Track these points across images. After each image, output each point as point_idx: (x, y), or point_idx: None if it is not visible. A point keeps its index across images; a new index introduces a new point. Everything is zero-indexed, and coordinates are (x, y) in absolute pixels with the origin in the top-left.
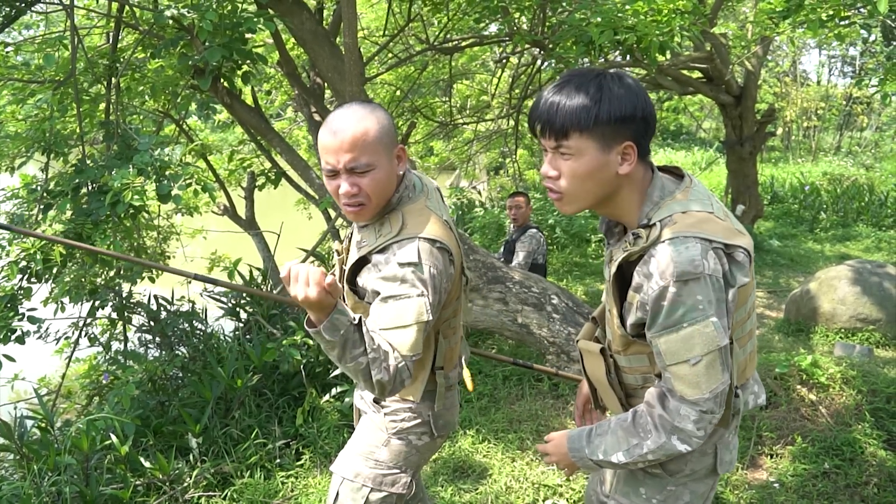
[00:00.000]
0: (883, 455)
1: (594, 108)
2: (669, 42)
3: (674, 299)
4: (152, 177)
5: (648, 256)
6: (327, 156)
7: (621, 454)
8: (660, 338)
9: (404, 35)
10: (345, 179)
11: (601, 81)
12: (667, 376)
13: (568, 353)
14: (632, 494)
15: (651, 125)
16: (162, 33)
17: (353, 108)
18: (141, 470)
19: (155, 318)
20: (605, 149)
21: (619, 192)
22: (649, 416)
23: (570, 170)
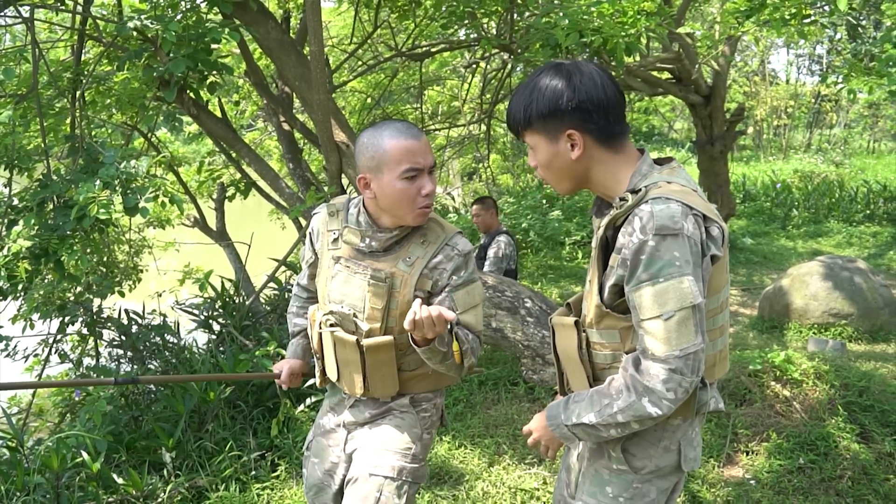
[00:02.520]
0: (856, 448)
1: (529, 107)
2: (635, 43)
3: (652, 253)
4: (118, 190)
5: (632, 216)
6: (414, 157)
7: (592, 415)
8: (636, 291)
9: (373, 43)
10: (429, 179)
11: (536, 79)
12: (640, 334)
13: (543, 357)
14: (598, 494)
15: (594, 111)
16: (126, 45)
17: (405, 122)
18: (114, 486)
19: (126, 333)
20: (551, 140)
21: (590, 173)
22: (622, 378)
23: (537, 162)
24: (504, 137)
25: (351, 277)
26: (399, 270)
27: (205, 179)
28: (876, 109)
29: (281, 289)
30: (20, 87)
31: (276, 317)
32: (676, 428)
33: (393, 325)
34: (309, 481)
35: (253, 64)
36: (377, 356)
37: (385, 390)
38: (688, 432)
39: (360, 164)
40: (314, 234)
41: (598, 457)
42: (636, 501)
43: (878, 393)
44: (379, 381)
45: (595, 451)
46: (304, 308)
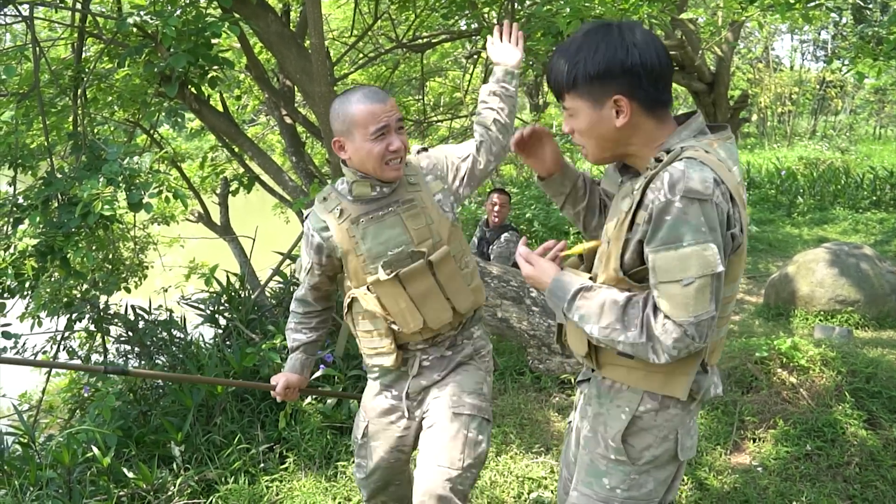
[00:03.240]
0: (863, 435)
1: (574, 68)
2: None
3: (678, 215)
4: (122, 186)
5: (662, 172)
6: (378, 116)
7: (595, 328)
8: (657, 252)
9: (374, 35)
10: (396, 136)
11: (584, 39)
12: (654, 294)
13: (549, 346)
14: (594, 485)
15: (645, 76)
16: (126, 42)
17: (369, 86)
18: (124, 481)
19: (133, 329)
20: (595, 105)
21: (630, 142)
22: (640, 315)
23: (576, 127)
24: None
25: (381, 222)
26: (413, 193)
27: (208, 175)
28: (882, 95)
29: (286, 282)
30: (21, 86)
31: (282, 310)
32: (673, 417)
33: (439, 238)
34: (372, 465)
35: (254, 58)
36: (446, 269)
37: (466, 302)
38: (685, 420)
39: (334, 128)
40: (315, 232)
41: (594, 445)
42: (633, 492)
43: (886, 379)
44: (458, 294)
45: (591, 439)
46: (303, 324)
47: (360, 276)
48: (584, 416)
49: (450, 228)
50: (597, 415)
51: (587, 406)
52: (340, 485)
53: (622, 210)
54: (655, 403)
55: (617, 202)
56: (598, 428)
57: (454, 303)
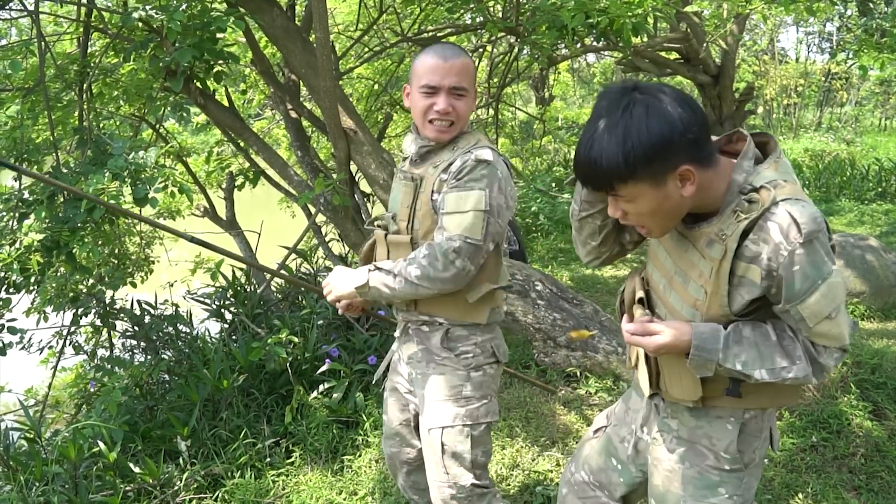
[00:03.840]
0: (869, 426)
1: (629, 154)
2: (642, 23)
3: (805, 261)
4: (127, 181)
5: (764, 222)
6: (434, 72)
7: (764, 372)
8: (801, 304)
9: (379, 29)
10: (446, 97)
11: (626, 119)
12: (806, 335)
13: (554, 339)
14: (710, 496)
15: (701, 133)
16: (132, 36)
17: (450, 45)
18: (131, 475)
19: (139, 323)
20: (658, 184)
21: (697, 201)
22: (798, 344)
23: (634, 211)
24: (512, 121)
25: (398, 184)
26: (428, 174)
27: (213, 169)
28: (887, 87)
29: (292, 276)
30: (27, 81)
31: (288, 304)
32: (770, 415)
33: (417, 227)
34: (388, 422)
35: (259, 52)
36: (397, 254)
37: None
38: (773, 416)
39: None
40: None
41: (699, 458)
42: (746, 495)
43: (891, 370)
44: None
45: (690, 453)
46: None
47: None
48: (665, 430)
49: (430, 226)
50: (693, 428)
51: (669, 420)
52: (346, 479)
53: (713, 257)
54: (758, 409)
55: (690, 244)
56: (701, 441)
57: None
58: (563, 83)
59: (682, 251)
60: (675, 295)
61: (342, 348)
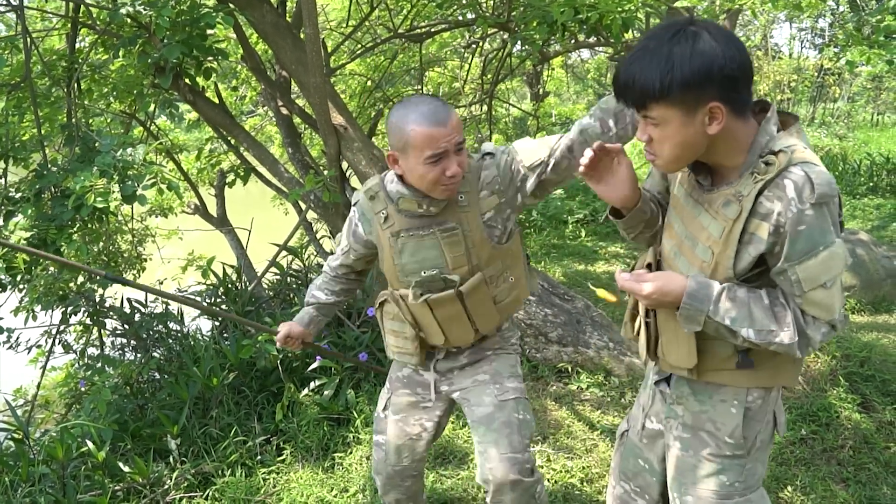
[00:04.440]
0: (857, 418)
1: (667, 76)
2: (632, 18)
3: (812, 223)
4: (115, 178)
5: (781, 179)
6: (437, 141)
7: (752, 332)
8: (798, 265)
9: (372, 25)
10: (454, 159)
11: (673, 44)
12: (798, 302)
13: (546, 335)
14: (712, 484)
15: (741, 78)
16: (120, 32)
17: (431, 98)
18: (120, 475)
19: (129, 322)
20: (688, 113)
21: (715, 146)
22: (789, 312)
23: (659, 136)
24: (506, 118)
25: (421, 242)
26: (461, 215)
27: (204, 166)
28: (879, 82)
29: (283, 273)
30: (13, 77)
31: (279, 302)
32: (774, 399)
33: (476, 262)
34: (391, 440)
35: (249, 48)
36: (476, 296)
37: (491, 324)
38: (777, 399)
39: (390, 141)
40: (361, 224)
41: (701, 446)
42: (749, 481)
43: (879, 363)
44: (483, 318)
45: (693, 441)
46: (327, 285)
47: (394, 283)
48: (672, 417)
49: (490, 251)
50: (696, 413)
51: (675, 406)
52: (337, 476)
53: (727, 217)
54: (761, 391)
55: (702, 208)
56: (705, 427)
57: (478, 325)
58: (556, 79)
59: (694, 216)
60: (683, 259)
61: (333, 345)
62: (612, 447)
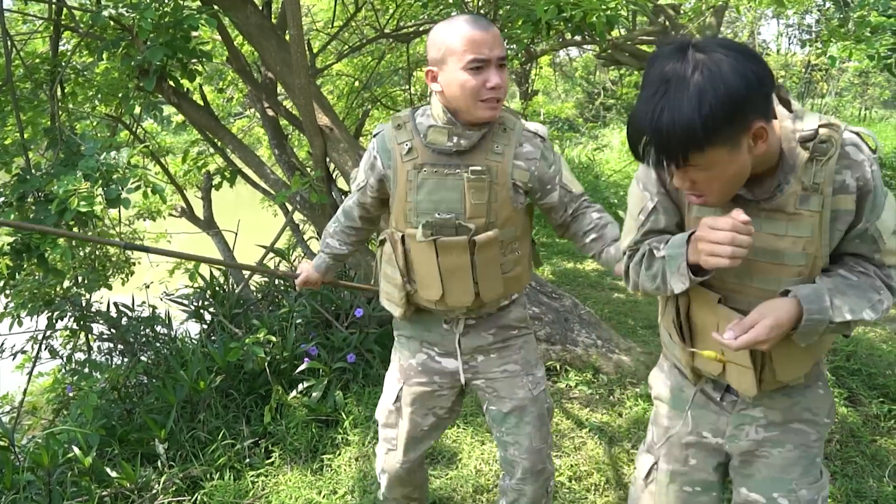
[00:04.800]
0: (844, 412)
1: (707, 119)
2: (616, 17)
3: (877, 175)
4: (99, 182)
5: (840, 151)
6: (479, 45)
7: (870, 311)
8: (878, 220)
9: (360, 25)
10: (496, 72)
11: (698, 78)
12: (878, 258)
13: (534, 334)
14: (814, 470)
15: (768, 85)
16: (103, 35)
17: (475, 15)
18: (107, 480)
19: (115, 326)
20: (735, 146)
21: (759, 163)
22: (873, 276)
23: (706, 179)
24: None
25: (443, 181)
26: (492, 162)
27: (190, 168)
28: (865, 78)
29: (270, 275)
30: None
31: (267, 304)
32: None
33: (494, 219)
34: (404, 434)
35: (234, 50)
36: (487, 253)
37: (494, 292)
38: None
39: (429, 57)
40: (380, 156)
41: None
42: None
43: (866, 357)
44: (488, 282)
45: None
46: (340, 235)
47: (400, 221)
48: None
49: (510, 213)
50: (787, 408)
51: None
52: (326, 478)
53: (812, 211)
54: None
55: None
56: (802, 416)
57: (480, 288)
58: (545, 78)
59: (756, 230)
60: (761, 278)
61: (321, 346)
62: (600, 444)
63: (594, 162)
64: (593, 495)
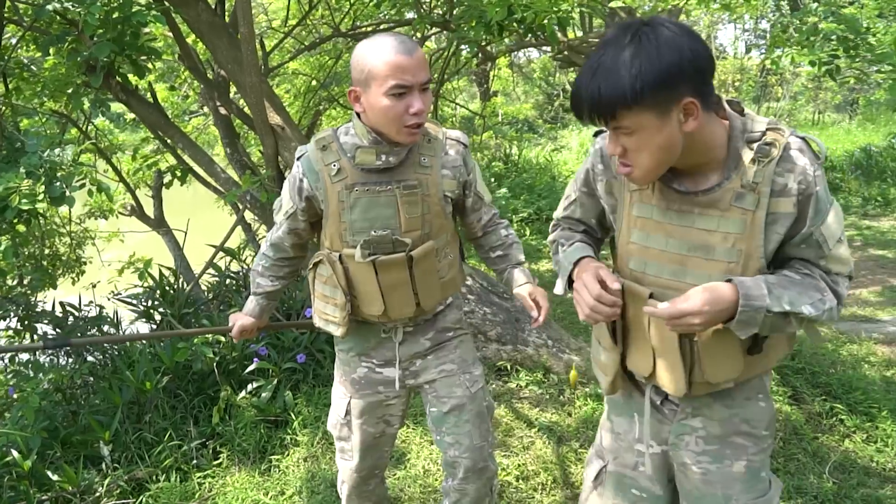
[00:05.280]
0: (788, 410)
1: (636, 79)
2: (566, 19)
3: (822, 182)
4: (42, 179)
5: (786, 153)
6: (403, 71)
7: (809, 307)
8: (822, 225)
9: (315, 25)
10: (419, 96)
11: (635, 45)
12: (823, 264)
13: (485, 334)
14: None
15: (706, 68)
16: (49, 29)
17: (400, 35)
18: (48, 484)
19: (61, 326)
20: (663, 114)
21: (692, 145)
22: (818, 278)
23: (634, 145)
24: (452, 117)
25: (375, 199)
26: (422, 175)
27: (140, 167)
28: (818, 82)
29: (221, 275)
30: None
31: (217, 304)
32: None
33: (428, 230)
34: (357, 444)
35: (186, 48)
36: (425, 265)
37: (433, 299)
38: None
39: (352, 76)
40: (307, 178)
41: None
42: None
43: (810, 356)
44: (427, 290)
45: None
46: (271, 271)
47: (335, 242)
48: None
49: (442, 221)
50: (725, 420)
51: (688, 421)
52: (274, 479)
53: (745, 209)
54: (768, 377)
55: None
56: (740, 429)
57: (420, 298)
58: (503, 79)
59: (689, 225)
60: (693, 273)
61: (271, 347)
62: (549, 444)
63: (552, 163)
64: (540, 495)
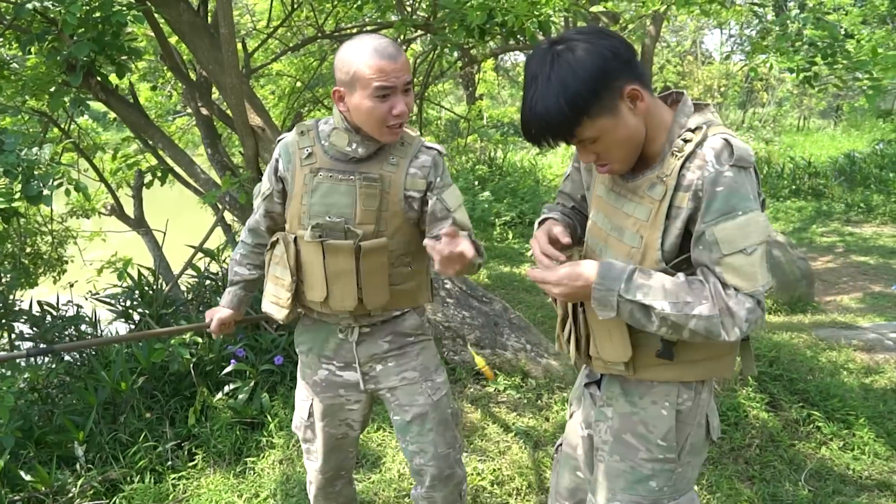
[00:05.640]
0: (765, 417)
1: (573, 99)
2: (547, 23)
3: (730, 184)
4: (19, 178)
5: (699, 149)
6: (386, 74)
7: (667, 305)
8: (716, 225)
9: (300, 26)
10: (402, 98)
11: (557, 68)
12: (717, 270)
13: (463, 338)
14: (641, 490)
15: (628, 55)
16: (29, 27)
17: (381, 36)
18: (21, 484)
19: (38, 325)
20: (613, 112)
21: (648, 129)
22: (708, 286)
23: (602, 149)
24: (437, 120)
25: (336, 186)
26: (386, 172)
27: (119, 166)
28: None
29: (200, 276)
30: None
31: (196, 304)
32: (704, 400)
33: (383, 228)
34: (321, 446)
35: (168, 48)
36: (372, 260)
37: (378, 300)
38: (710, 401)
39: (337, 77)
40: (282, 158)
41: (632, 452)
42: (679, 485)
43: (788, 362)
44: (372, 289)
45: (623, 445)
46: (249, 258)
47: (294, 224)
48: (601, 420)
49: (401, 223)
50: (626, 415)
51: (605, 408)
52: (249, 481)
53: (653, 198)
54: (691, 392)
55: (625, 198)
56: (636, 430)
57: (364, 294)
58: (489, 82)
59: (618, 207)
60: (609, 252)
61: (248, 348)
62: (525, 449)
63: (536, 167)
64: (515, 500)
